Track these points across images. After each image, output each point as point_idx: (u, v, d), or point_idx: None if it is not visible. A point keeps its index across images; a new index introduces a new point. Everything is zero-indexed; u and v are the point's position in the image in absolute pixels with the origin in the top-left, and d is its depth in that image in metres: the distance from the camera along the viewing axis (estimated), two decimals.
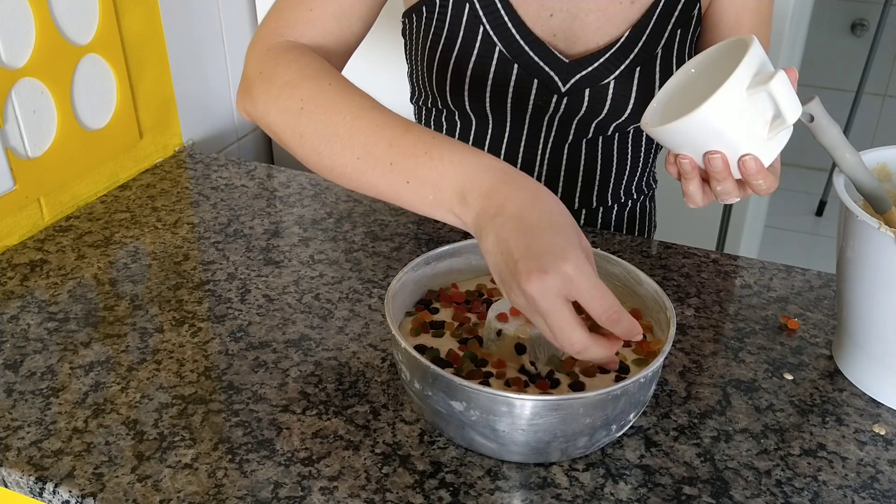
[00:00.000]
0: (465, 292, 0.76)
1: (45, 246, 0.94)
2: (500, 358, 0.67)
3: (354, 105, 0.67)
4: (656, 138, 0.67)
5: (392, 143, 0.64)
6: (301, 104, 0.68)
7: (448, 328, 0.72)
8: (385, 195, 0.65)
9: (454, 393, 0.60)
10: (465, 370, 0.66)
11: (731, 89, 0.61)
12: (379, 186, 0.65)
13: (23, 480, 0.64)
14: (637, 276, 0.72)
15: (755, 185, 0.66)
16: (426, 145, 0.63)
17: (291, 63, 0.71)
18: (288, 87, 0.70)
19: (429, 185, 0.62)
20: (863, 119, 2.83)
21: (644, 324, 0.72)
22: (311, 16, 0.77)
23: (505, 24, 0.85)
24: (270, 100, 0.70)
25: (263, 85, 0.71)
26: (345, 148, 0.65)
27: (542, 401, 0.59)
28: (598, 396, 0.59)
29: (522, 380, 0.66)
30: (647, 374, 0.61)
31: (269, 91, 0.71)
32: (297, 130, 0.68)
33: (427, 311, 0.74)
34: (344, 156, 0.66)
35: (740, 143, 0.64)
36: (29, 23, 0.91)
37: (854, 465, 0.66)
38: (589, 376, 0.66)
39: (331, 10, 0.78)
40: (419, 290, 0.75)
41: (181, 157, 1.16)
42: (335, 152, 0.66)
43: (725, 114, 0.62)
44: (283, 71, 0.71)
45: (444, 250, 0.75)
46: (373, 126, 0.65)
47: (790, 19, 1.40)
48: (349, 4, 0.79)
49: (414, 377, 0.63)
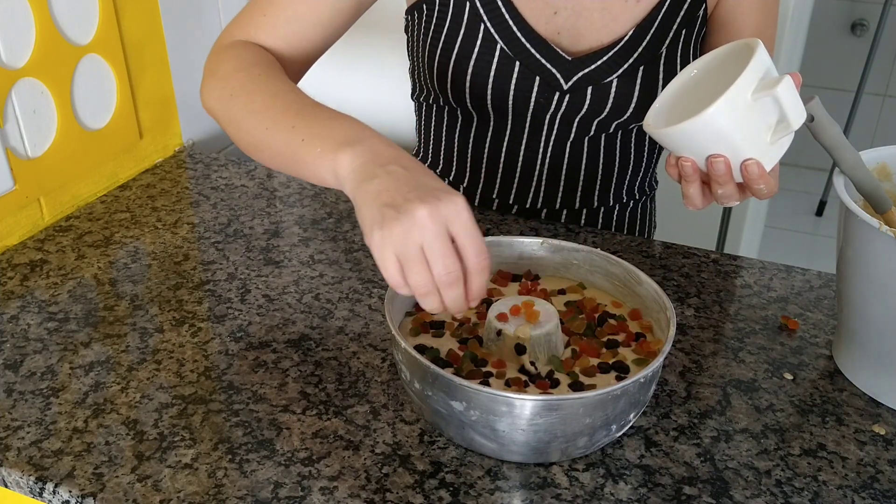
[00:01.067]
0: None
1: (45, 246, 0.94)
2: (500, 358, 0.67)
3: (275, 88, 0.73)
4: (659, 140, 0.67)
5: (299, 112, 0.69)
6: (230, 92, 0.75)
7: (448, 328, 0.71)
8: (285, 157, 0.69)
9: (454, 393, 0.60)
10: (465, 370, 0.66)
11: (738, 93, 0.61)
12: (281, 149, 0.69)
13: (23, 480, 0.64)
14: (637, 276, 0.72)
15: (756, 189, 0.66)
16: (329, 113, 0.68)
17: (231, 58, 0.78)
18: (223, 79, 0.76)
19: (319, 139, 0.66)
20: (863, 119, 2.83)
21: (644, 324, 0.72)
22: (265, 21, 0.81)
23: (506, 21, 0.85)
24: (211, 92, 0.77)
25: (207, 80, 0.78)
26: (259, 122, 0.71)
27: (542, 401, 0.59)
28: (598, 396, 0.59)
29: (522, 380, 0.66)
30: (647, 374, 0.61)
31: (210, 84, 0.77)
32: (228, 116, 0.75)
33: (427, 311, 0.73)
34: (258, 128, 0.71)
35: (744, 147, 0.64)
36: (29, 23, 0.91)
37: (854, 465, 0.66)
38: (589, 376, 0.66)
39: (284, 15, 0.81)
40: None
41: (181, 157, 1.16)
42: (251, 126, 0.72)
43: (731, 118, 0.61)
44: (222, 66, 0.77)
45: None
46: (286, 103, 0.71)
47: (790, 19, 1.40)
48: (304, 9, 0.81)
49: (414, 377, 0.63)
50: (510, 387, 0.65)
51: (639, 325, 0.72)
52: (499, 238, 0.77)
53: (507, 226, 0.97)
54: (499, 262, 0.78)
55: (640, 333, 0.71)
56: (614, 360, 0.68)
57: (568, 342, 0.70)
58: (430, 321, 0.72)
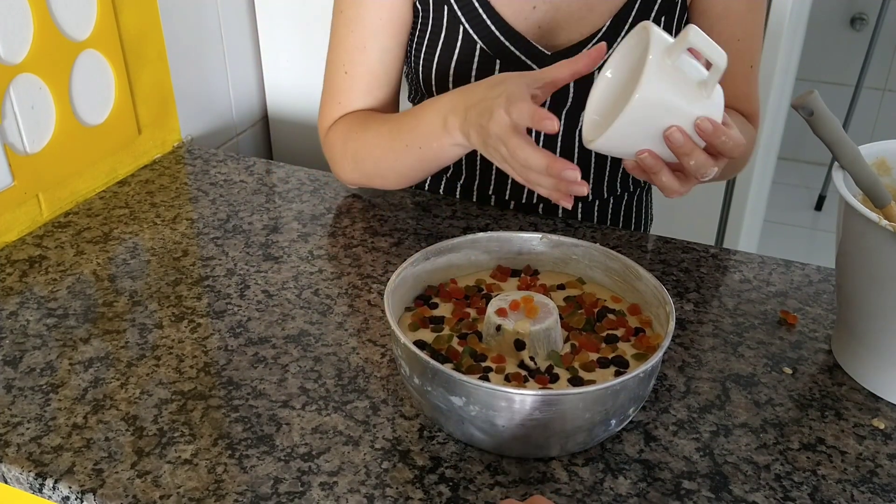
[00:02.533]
0: (465, 287, 0.76)
1: (43, 242, 0.94)
2: (500, 353, 0.67)
3: (374, 132, 0.90)
4: (606, 150, 0.68)
5: (399, 132, 0.88)
6: (354, 162, 0.94)
7: (447, 323, 0.71)
8: (423, 165, 0.88)
9: (454, 388, 0.60)
10: (464, 365, 0.66)
11: (656, 62, 0.62)
12: (414, 164, 0.88)
13: (23, 476, 0.64)
14: (637, 272, 0.72)
15: (720, 143, 0.66)
16: (414, 113, 0.86)
17: (336, 141, 0.95)
18: (342, 158, 0.95)
19: (427, 137, 0.84)
20: (862, 113, 2.82)
21: (644, 318, 0.72)
22: (341, 108, 0.95)
23: (484, 21, 0.87)
24: (342, 172, 0.97)
25: (333, 166, 0.98)
26: (389, 163, 0.91)
27: (542, 395, 0.59)
28: (597, 391, 0.59)
29: (522, 375, 0.66)
30: (646, 369, 0.61)
31: (338, 167, 0.97)
32: (367, 176, 0.95)
33: (426, 307, 0.73)
34: (392, 168, 0.91)
35: (687, 108, 0.64)
36: (27, 18, 0.91)
37: (853, 460, 0.66)
38: (588, 371, 0.66)
39: (352, 95, 0.94)
40: (418, 286, 0.75)
41: (180, 153, 1.16)
42: (387, 169, 0.92)
43: (662, 86, 0.62)
44: (334, 150, 0.96)
45: (443, 245, 0.75)
46: (389, 133, 0.89)
47: (789, 13, 1.40)
48: (363, 84, 0.93)
49: (413, 372, 0.63)
50: (510, 382, 0.65)
51: (638, 320, 0.72)
52: (498, 234, 0.77)
53: (507, 221, 0.97)
54: (498, 257, 0.78)
55: (640, 328, 0.71)
56: (614, 356, 0.68)
57: (567, 337, 0.70)
58: (429, 316, 0.72)
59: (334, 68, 0.93)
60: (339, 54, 0.92)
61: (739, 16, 0.88)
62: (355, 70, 0.92)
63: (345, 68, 0.92)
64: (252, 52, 1.35)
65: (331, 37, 0.93)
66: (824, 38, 2.83)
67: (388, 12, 0.89)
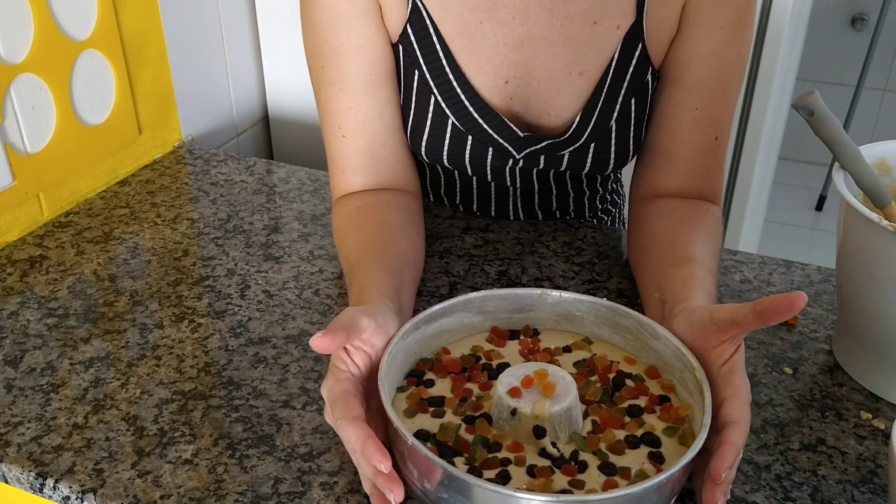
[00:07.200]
0: (461, 358, 0.67)
1: (44, 242, 0.94)
2: (516, 440, 0.59)
3: (342, 257, 0.81)
4: None
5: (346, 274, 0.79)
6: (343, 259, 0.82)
7: (449, 405, 0.62)
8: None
9: (480, 499, 0.52)
10: (478, 459, 0.57)
11: None
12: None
13: (23, 476, 0.64)
14: (653, 330, 0.65)
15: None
16: (349, 276, 0.76)
17: (335, 225, 0.85)
18: (339, 248, 0.83)
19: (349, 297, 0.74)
20: (863, 114, 2.83)
21: (665, 383, 0.65)
22: (345, 176, 0.86)
23: (457, 94, 0.83)
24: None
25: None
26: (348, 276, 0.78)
27: (597, 501, 0.52)
28: (644, 490, 0.53)
29: (547, 467, 0.57)
30: (689, 461, 0.55)
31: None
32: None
33: (422, 386, 0.65)
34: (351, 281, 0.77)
35: None
36: (27, 18, 0.91)
37: (853, 460, 0.66)
38: (618, 454, 0.59)
39: (356, 160, 0.85)
40: (409, 361, 0.66)
41: (180, 153, 1.16)
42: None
43: None
44: (334, 229, 0.86)
45: (434, 312, 0.67)
46: (344, 267, 0.80)
47: (790, 13, 1.40)
48: (373, 138, 0.84)
49: (424, 477, 0.55)
50: (535, 478, 0.57)
51: (659, 385, 0.65)
52: (492, 292, 0.69)
53: (507, 222, 0.96)
54: (493, 318, 0.70)
55: (664, 395, 0.64)
56: (643, 433, 0.60)
57: (586, 412, 0.62)
58: (427, 397, 0.63)
59: (331, 134, 0.85)
60: (333, 117, 0.84)
61: (708, 84, 0.81)
62: (353, 131, 0.84)
63: (342, 131, 0.84)
64: (253, 51, 1.35)
65: (316, 96, 0.85)
66: (825, 38, 2.83)
67: (376, 66, 0.82)
